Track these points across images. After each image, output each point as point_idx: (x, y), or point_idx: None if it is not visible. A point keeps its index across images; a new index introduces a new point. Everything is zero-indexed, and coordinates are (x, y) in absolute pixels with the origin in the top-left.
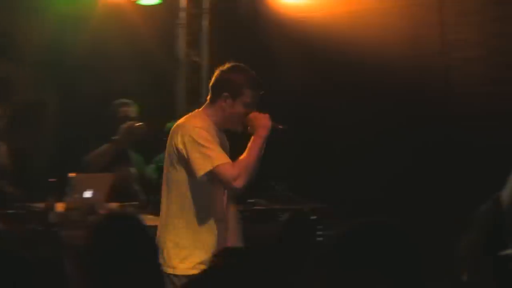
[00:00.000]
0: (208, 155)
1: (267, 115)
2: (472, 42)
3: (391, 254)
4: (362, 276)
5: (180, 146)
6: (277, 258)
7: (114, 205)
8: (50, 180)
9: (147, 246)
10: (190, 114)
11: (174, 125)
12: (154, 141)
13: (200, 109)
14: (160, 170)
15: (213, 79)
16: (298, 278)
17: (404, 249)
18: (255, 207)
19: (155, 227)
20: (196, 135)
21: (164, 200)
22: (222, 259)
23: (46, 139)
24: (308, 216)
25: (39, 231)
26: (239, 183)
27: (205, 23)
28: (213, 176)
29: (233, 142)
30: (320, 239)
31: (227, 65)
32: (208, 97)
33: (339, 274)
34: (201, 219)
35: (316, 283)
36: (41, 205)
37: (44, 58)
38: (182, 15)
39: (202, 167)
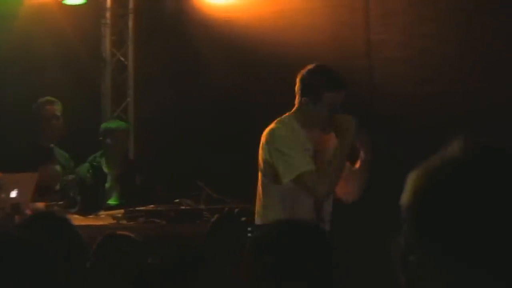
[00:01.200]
0: (291, 163)
1: (350, 117)
2: (397, 43)
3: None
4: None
5: (267, 155)
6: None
7: (40, 204)
8: None
9: (73, 245)
10: (278, 119)
11: (264, 132)
12: (87, 141)
13: (291, 111)
14: (93, 169)
15: (296, 83)
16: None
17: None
18: (180, 207)
19: (84, 227)
20: (279, 144)
21: (259, 203)
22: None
23: None
24: (238, 217)
25: None
26: (321, 193)
27: (130, 23)
28: (296, 184)
29: None
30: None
31: (307, 67)
32: (295, 100)
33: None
34: None
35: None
36: None
37: None
38: (108, 15)
39: (285, 175)
